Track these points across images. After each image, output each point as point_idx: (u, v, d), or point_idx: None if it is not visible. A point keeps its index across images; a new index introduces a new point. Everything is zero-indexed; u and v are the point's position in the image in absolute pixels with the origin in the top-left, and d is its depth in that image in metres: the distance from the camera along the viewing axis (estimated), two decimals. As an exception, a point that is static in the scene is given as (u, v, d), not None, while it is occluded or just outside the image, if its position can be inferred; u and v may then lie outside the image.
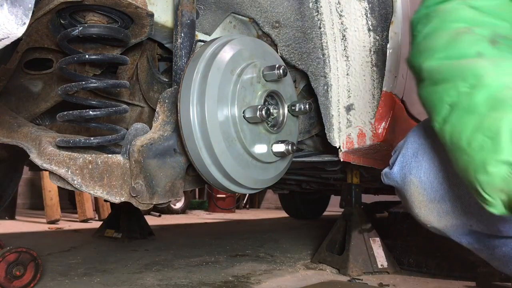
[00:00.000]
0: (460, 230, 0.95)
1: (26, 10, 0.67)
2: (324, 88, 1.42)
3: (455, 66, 0.72)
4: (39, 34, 1.14)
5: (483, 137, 0.65)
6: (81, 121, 1.24)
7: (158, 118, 1.12)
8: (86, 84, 1.12)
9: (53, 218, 3.92)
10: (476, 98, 0.67)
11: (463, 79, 0.70)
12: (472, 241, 0.98)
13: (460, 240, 0.98)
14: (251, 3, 1.37)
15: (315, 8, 1.37)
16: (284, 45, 1.42)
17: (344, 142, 1.44)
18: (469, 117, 0.67)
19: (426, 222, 0.96)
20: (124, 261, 1.99)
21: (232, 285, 1.59)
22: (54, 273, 1.70)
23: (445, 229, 0.95)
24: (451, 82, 0.72)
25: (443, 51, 0.75)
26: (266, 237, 3.03)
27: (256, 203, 7.65)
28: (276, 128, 1.18)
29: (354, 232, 1.91)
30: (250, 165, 1.12)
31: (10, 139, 1.18)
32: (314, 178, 2.77)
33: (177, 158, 1.12)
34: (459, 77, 0.70)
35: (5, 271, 1.32)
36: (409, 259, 1.95)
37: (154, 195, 1.06)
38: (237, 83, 1.07)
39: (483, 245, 0.98)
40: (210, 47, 1.08)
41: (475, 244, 0.98)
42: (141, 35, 1.18)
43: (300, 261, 2.11)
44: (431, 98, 0.77)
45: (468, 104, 0.68)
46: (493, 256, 0.99)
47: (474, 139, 0.66)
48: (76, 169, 1.03)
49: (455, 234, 0.97)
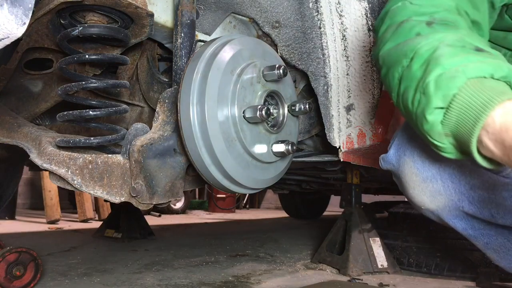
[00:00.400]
0: (453, 213, 0.97)
1: (26, 10, 0.67)
2: (324, 88, 1.42)
3: (399, 48, 0.84)
4: (39, 34, 1.14)
5: (419, 95, 0.76)
6: (81, 121, 1.24)
7: (158, 118, 1.12)
8: (86, 84, 1.12)
9: (53, 218, 3.92)
10: (414, 67, 0.78)
11: (405, 56, 0.81)
12: (466, 227, 1.00)
13: (454, 224, 1.00)
14: (251, 3, 1.37)
15: (315, 8, 1.37)
16: (284, 45, 1.42)
17: (344, 142, 1.44)
18: (410, 84, 0.78)
19: (420, 204, 0.99)
20: (124, 261, 1.99)
21: (232, 285, 1.59)
22: (54, 273, 1.70)
23: (438, 210, 0.98)
24: (398, 61, 0.83)
25: (391, 40, 0.87)
26: (266, 237, 3.03)
27: (256, 203, 7.65)
28: (276, 128, 1.18)
29: (354, 232, 1.91)
30: (250, 165, 1.12)
31: (10, 139, 1.18)
32: (314, 178, 2.77)
33: (177, 158, 1.12)
34: (403, 55, 0.81)
35: (5, 271, 1.32)
36: (409, 259, 1.95)
37: (154, 195, 1.06)
38: (237, 83, 1.07)
39: (478, 233, 1.00)
40: (210, 47, 1.08)
41: (469, 230, 1.00)
42: (141, 35, 1.18)
43: (300, 261, 2.11)
44: (388, 81, 0.86)
45: (408, 73, 0.79)
46: (489, 246, 1.00)
47: (415, 99, 0.77)
48: (76, 169, 1.03)
49: (448, 216, 0.99)
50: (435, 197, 0.96)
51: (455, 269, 1.82)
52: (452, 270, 1.82)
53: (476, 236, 1.00)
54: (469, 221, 0.99)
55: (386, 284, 1.64)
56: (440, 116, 0.73)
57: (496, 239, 0.99)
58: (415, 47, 0.80)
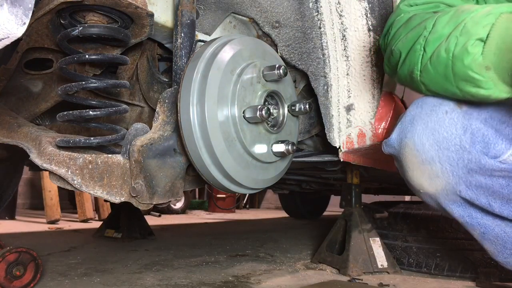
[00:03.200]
0: (450, 197, 0.98)
1: (26, 10, 0.67)
2: (324, 88, 1.42)
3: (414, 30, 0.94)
4: (39, 34, 1.14)
5: (454, 38, 0.85)
6: (81, 121, 1.24)
7: (158, 118, 1.12)
8: (86, 84, 1.12)
9: (53, 218, 3.92)
10: (438, 28, 0.88)
11: (424, 28, 0.91)
12: (463, 214, 1.01)
13: (451, 210, 1.01)
14: (251, 3, 1.37)
15: (315, 8, 1.37)
16: (284, 45, 1.42)
17: (344, 142, 1.44)
18: (439, 40, 0.88)
19: (419, 187, 1.01)
20: (124, 261, 1.99)
21: (232, 285, 1.59)
22: (54, 273, 1.70)
23: (436, 194, 0.99)
24: (418, 35, 0.92)
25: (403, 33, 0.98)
26: (266, 237, 3.03)
27: (256, 203, 7.65)
28: (276, 128, 1.18)
29: (354, 232, 1.91)
30: (250, 165, 1.12)
31: (10, 139, 1.18)
32: (314, 178, 2.77)
33: (177, 158, 1.12)
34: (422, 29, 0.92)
35: (5, 271, 1.32)
36: (409, 259, 1.96)
37: (154, 195, 1.06)
38: (237, 83, 1.07)
39: (475, 222, 1.01)
40: (210, 47, 1.08)
41: (466, 217, 1.01)
42: (141, 35, 1.18)
43: (300, 261, 2.11)
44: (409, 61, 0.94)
45: (434, 35, 0.88)
46: (485, 237, 1.02)
47: (450, 44, 0.85)
48: (76, 169, 1.03)
49: (445, 201, 1.00)
50: (433, 180, 0.97)
51: (455, 269, 1.82)
52: (452, 270, 1.82)
53: (473, 225, 1.01)
54: (467, 208, 1.00)
55: (386, 284, 1.64)
56: (480, 48, 0.81)
57: (493, 230, 1.00)
58: (432, 20, 0.90)
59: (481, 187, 0.94)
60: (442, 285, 1.69)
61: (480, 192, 0.95)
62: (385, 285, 1.63)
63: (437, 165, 0.95)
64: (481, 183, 0.94)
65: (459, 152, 0.93)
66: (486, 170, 0.92)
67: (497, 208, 0.95)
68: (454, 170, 0.94)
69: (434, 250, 1.89)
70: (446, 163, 0.94)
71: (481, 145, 0.91)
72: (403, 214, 2.06)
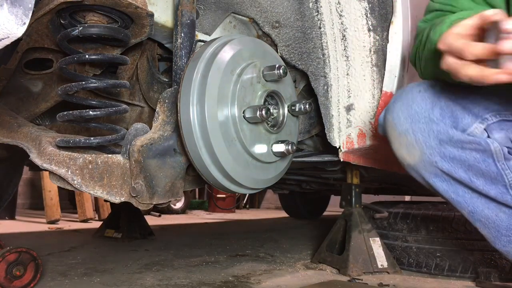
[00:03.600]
0: (429, 169, 1.04)
1: (26, 10, 0.67)
2: (324, 88, 1.42)
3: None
4: (39, 34, 1.14)
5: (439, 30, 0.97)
6: (81, 121, 1.24)
7: (158, 118, 1.12)
8: (86, 84, 1.12)
9: (53, 218, 3.92)
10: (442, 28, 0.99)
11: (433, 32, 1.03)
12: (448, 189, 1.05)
13: (435, 184, 1.06)
14: (251, 3, 1.37)
15: (315, 8, 1.37)
16: (284, 45, 1.42)
17: (344, 142, 1.44)
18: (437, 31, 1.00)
19: (402, 159, 1.10)
20: (124, 261, 1.99)
21: (232, 285, 1.59)
22: (54, 273, 1.70)
23: (416, 166, 1.06)
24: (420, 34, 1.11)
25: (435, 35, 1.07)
26: (266, 237, 3.03)
27: (256, 203, 7.65)
28: (276, 128, 1.18)
29: (354, 232, 1.91)
30: (250, 165, 1.12)
31: (10, 139, 1.18)
32: (314, 178, 2.77)
33: (177, 158, 1.12)
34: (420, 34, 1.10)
35: (5, 271, 1.32)
36: (409, 259, 1.95)
37: (154, 195, 1.06)
38: (237, 83, 1.07)
39: (462, 199, 1.05)
40: (210, 47, 1.08)
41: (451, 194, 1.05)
42: (141, 35, 1.18)
43: (300, 261, 2.11)
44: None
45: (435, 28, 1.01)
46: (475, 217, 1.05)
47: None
48: (76, 169, 1.03)
49: (426, 174, 1.06)
50: (410, 150, 1.05)
51: (455, 269, 1.82)
52: (452, 270, 1.82)
53: (459, 202, 1.05)
54: (451, 184, 1.04)
55: (386, 284, 1.64)
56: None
57: (482, 211, 1.02)
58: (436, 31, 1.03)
59: (455, 159, 1.00)
60: (442, 285, 1.69)
61: (457, 165, 1.01)
62: (385, 285, 1.63)
63: (411, 136, 1.03)
64: (454, 154, 1.00)
65: (429, 124, 1.01)
66: (456, 141, 0.99)
67: (481, 186, 1.00)
68: (426, 140, 1.01)
69: (434, 250, 1.89)
70: (418, 133, 1.02)
71: (450, 120, 1.00)
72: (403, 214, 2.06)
